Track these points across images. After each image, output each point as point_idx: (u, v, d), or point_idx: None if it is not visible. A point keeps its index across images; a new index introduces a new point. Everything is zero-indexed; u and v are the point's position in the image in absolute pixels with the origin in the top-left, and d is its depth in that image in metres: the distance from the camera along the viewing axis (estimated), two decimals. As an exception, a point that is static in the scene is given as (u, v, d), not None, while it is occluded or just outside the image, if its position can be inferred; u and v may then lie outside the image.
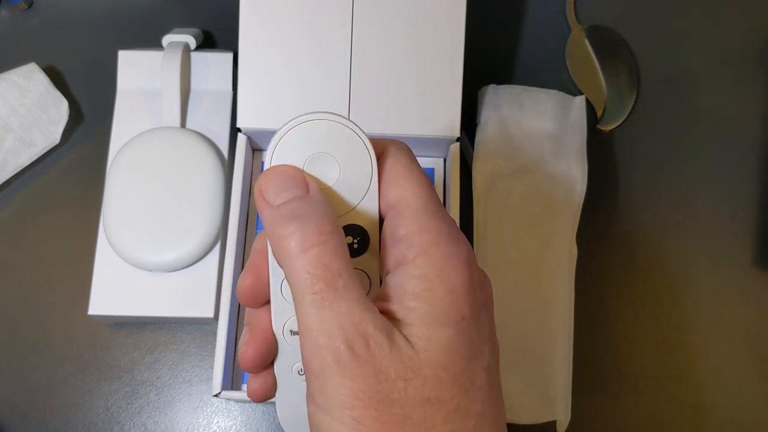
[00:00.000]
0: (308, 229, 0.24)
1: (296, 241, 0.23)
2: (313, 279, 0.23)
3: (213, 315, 0.48)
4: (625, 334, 0.51)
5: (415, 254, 0.24)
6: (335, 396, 0.22)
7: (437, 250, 0.24)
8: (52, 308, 0.51)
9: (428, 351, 0.23)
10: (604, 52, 0.57)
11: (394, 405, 0.22)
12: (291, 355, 0.27)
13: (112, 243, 0.49)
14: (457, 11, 0.47)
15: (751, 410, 0.50)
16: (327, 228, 0.24)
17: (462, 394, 0.23)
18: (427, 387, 0.23)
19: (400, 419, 0.22)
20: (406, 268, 0.24)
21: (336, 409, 0.22)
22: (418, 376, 0.23)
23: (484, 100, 0.53)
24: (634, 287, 0.52)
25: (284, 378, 0.28)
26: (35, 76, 0.52)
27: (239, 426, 0.49)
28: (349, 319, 0.23)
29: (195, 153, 0.50)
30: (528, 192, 0.51)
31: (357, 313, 0.23)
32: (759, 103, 0.57)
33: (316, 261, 0.23)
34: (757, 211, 0.54)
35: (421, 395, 0.23)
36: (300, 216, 0.24)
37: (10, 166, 0.51)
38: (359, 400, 0.22)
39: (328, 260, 0.23)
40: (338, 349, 0.22)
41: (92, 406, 0.49)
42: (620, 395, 0.50)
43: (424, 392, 0.23)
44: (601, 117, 0.56)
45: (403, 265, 0.24)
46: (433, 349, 0.23)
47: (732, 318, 0.52)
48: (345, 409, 0.22)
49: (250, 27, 0.47)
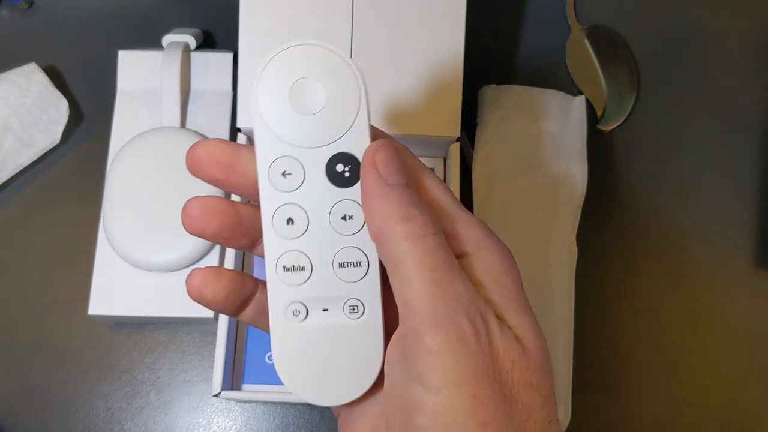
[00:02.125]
0: (427, 217, 0.24)
1: (418, 225, 0.23)
2: (434, 258, 0.23)
3: (213, 315, 0.48)
4: (625, 334, 0.51)
5: (474, 248, 0.25)
6: (453, 373, 0.22)
7: (494, 242, 0.25)
8: (52, 308, 0.51)
9: (525, 337, 0.24)
10: (604, 52, 0.57)
11: (504, 386, 0.23)
12: (285, 295, 0.26)
13: (112, 243, 0.49)
14: (457, 11, 0.47)
15: (750, 410, 0.50)
16: (436, 222, 0.24)
17: (551, 380, 0.24)
18: (530, 371, 0.23)
19: (509, 401, 0.22)
20: (471, 260, 0.25)
21: (451, 387, 0.22)
22: (522, 360, 0.23)
23: (484, 100, 0.53)
24: (634, 287, 0.52)
25: (278, 321, 0.26)
26: (35, 76, 0.52)
27: (239, 426, 0.49)
28: (469, 299, 0.23)
29: (195, 153, 0.50)
30: (528, 192, 0.51)
31: (473, 293, 0.23)
32: (759, 103, 0.57)
33: (436, 245, 0.23)
34: (757, 211, 0.54)
35: (525, 379, 0.23)
36: (415, 203, 0.24)
37: (10, 166, 0.51)
38: (478, 378, 0.22)
39: (445, 248, 0.24)
40: (461, 325, 0.22)
41: (92, 406, 0.49)
42: (620, 395, 0.50)
43: (528, 376, 0.23)
44: (601, 117, 0.56)
45: (465, 258, 0.25)
46: (527, 336, 0.24)
47: (732, 318, 0.52)
48: (463, 387, 0.22)
49: (250, 27, 0.47)
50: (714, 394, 0.50)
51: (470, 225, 0.25)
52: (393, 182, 0.24)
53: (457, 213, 0.25)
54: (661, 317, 0.52)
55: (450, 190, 0.26)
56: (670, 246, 0.53)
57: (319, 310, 0.26)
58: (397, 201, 0.24)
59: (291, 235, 0.25)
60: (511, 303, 0.24)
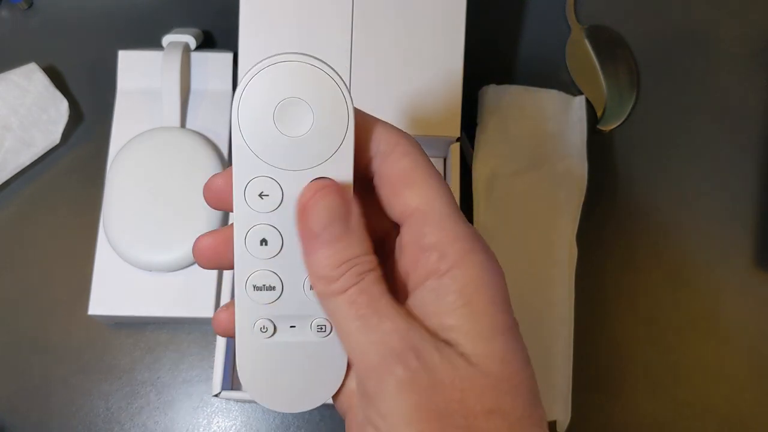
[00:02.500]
0: (352, 265, 0.23)
1: (340, 283, 0.23)
2: (357, 308, 0.23)
3: (212, 315, 0.48)
4: (625, 334, 0.51)
5: (450, 265, 0.23)
6: (396, 414, 0.22)
7: (473, 259, 0.23)
8: (52, 308, 0.51)
9: (484, 363, 0.23)
10: (604, 52, 0.57)
11: (455, 416, 0.22)
12: (254, 312, 0.26)
13: (112, 243, 0.49)
14: (457, 11, 0.47)
15: (751, 410, 0.50)
16: (368, 258, 0.24)
17: (524, 403, 0.23)
18: (488, 397, 0.22)
19: (465, 430, 0.22)
20: (441, 281, 0.23)
21: (398, 429, 0.22)
22: (475, 386, 0.22)
23: (484, 100, 0.53)
24: (634, 287, 0.52)
25: (245, 336, 0.26)
26: (35, 76, 0.52)
27: (239, 426, 0.49)
28: (396, 336, 0.23)
29: (195, 153, 0.50)
30: (528, 192, 0.51)
31: (405, 329, 0.23)
32: (759, 104, 0.57)
33: (359, 292, 0.23)
34: (757, 211, 0.54)
35: (482, 405, 0.22)
36: (340, 252, 0.23)
37: (11, 166, 0.51)
38: (420, 413, 0.22)
39: (370, 290, 0.23)
40: (392, 366, 0.22)
41: (92, 406, 0.49)
42: (620, 395, 0.50)
43: (486, 402, 0.22)
44: (601, 117, 0.56)
45: (436, 277, 0.24)
46: (488, 362, 0.23)
47: (732, 318, 0.52)
48: (408, 427, 0.22)
49: (250, 27, 0.47)
50: (714, 394, 0.50)
51: (455, 237, 0.24)
52: (321, 233, 0.23)
53: (445, 222, 0.24)
54: (661, 317, 0.52)
55: (448, 193, 0.25)
56: (670, 246, 0.53)
57: (287, 326, 0.26)
58: (321, 258, 0.23)
59: (263, 255, 0.25)
60: (476, 325, 0.23)
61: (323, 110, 0.24)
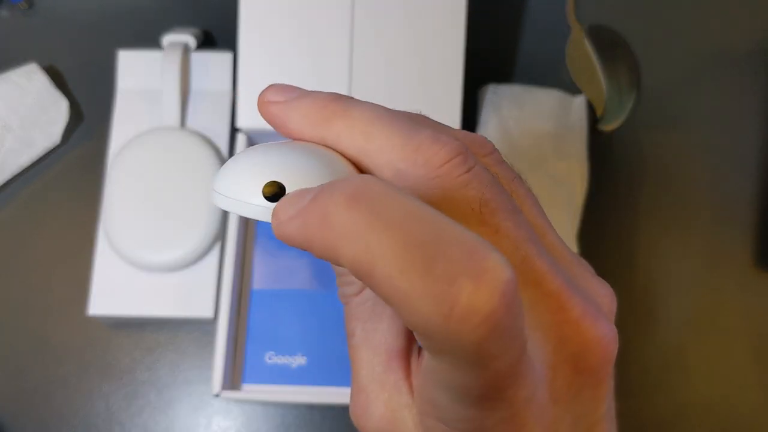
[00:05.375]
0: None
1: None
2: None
3: (212, 315, 0.48)
4: (625, 335, 0.51)
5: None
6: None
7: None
8: (52, 308, 0.51)
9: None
10: (604, 52, 0.57)
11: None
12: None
13: (112, 243, 0.49)
14: (457, 11, 0.47)
15: (751, 410, 0.50)
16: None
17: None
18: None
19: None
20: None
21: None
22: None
23: (484, 100, 0.53)
24: (634, 287, 0.52)
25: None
26: (35, 76, 0.52)
27: (239, 426, 0.49)
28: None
29: (195, 153, 0.50)
30: (528, 192, 0.51)
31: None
32: (759, 103, 0.57)
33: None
34: (757, 211, 0.54)
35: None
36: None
37: (11, 166, 0.51)
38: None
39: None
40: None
41: (92, 406, 0.49)
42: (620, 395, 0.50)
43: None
44: (601, 117, 0.56)
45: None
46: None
47: (732, 318, 0.52)
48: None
49: (250, 27, 0.47)
50: (714, 394, 0.50)
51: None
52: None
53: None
54: (661, 317, 0.52)
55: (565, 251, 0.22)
56: (670, 246, 0.53)
57: None
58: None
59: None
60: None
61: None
